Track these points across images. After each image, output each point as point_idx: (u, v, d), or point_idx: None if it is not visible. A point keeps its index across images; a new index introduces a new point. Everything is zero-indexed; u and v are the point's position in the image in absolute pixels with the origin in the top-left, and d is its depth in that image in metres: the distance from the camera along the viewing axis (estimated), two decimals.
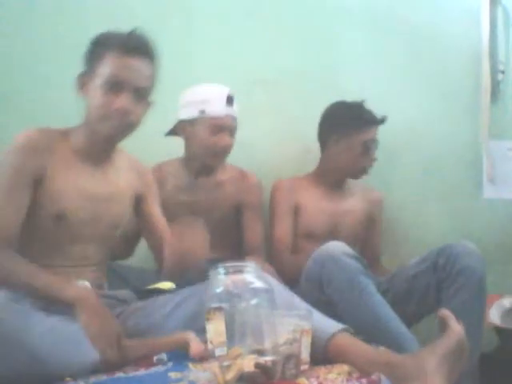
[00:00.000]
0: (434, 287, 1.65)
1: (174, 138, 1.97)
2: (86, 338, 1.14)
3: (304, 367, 1.12)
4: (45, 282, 1.25)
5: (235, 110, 1.89)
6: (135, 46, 1.36)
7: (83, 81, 1.40)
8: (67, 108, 2.03)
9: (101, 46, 1.38)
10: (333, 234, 1.96)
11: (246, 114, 2.14)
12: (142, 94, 1.38)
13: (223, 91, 1.87)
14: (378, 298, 1.50)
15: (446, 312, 1.17)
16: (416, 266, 1.71)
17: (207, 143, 1.87)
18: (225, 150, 1.90)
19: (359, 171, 2.03)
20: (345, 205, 2.05)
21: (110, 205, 1.44)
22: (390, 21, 2.29)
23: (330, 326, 1.23)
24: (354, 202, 2.07)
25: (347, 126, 1.97)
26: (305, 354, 1.12)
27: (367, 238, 2.12)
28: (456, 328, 1.13)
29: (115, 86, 1.34)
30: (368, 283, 1.51)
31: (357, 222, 2.06)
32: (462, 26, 2.29)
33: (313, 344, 1.16)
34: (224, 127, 1.86)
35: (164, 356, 1.22)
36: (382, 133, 2.13)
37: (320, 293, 1.56)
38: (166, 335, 1.27)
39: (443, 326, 1.15)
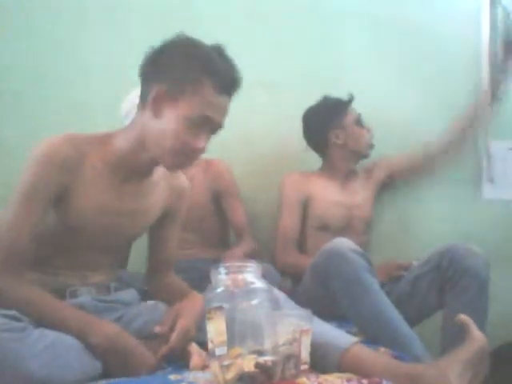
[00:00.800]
0: (436, 289, 1.66)
1: None
2: (85, 349, 1.10)
3: (304, 367, 1.12)
4: (68, 322, 1.12)
5: None
6: (234, 86, 1.24)
7: (160, 96, 1.21)
8: (68, 107, 2.05)
9: (199, 69, 1.19)
10: (347, 227, 2.01)
11: (246, 114, 2.15)
12: (216, 132, 1.27)
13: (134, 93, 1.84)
14: (382, 297, 1.50)
15: (465, 318, 1.16)
16: (419, 267, 1.73)
17: None
18: None
19: (367, 147, 2.10)
20: (358, 197, 2.09)
21: (132, 220, 1.34)
22: (391, 22, 2.29)
23: (342, 339, 1.20)
24: (364, 194, 2.11)
25: (337, 117, 2.06)
26: (304, 354, 1.12)
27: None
28: (476, 334, 1.12)
29: (201, 124, 1.21)
30: (373, 281, 1.51)
31: (368, 212, 2.10)
32: (462, 26, 2.29)
33: (325, 359, 1.15)
34: None
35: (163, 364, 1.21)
36: (383, 133, 2.14)
37: (324, 289, 1.56)
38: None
39: (463, 332, 1.13)
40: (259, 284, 1.07)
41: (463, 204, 2.29)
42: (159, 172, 1.38)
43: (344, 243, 1.57)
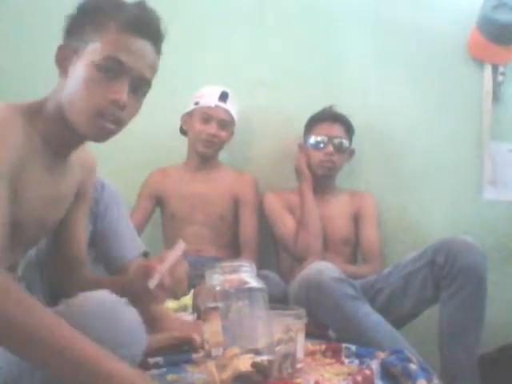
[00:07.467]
0: (431, 284, 1.59)
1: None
2: None
3: (300, 365, 1.12)
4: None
5: (229, 106, 2.04)
6: (144, 24, 1.04)
7: (65, 55, 1.04)
8: None
9: (98, 13, 1.02)
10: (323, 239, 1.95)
11: (247, 114, 2.16)
12: (140, 88, 1.05)
13: (218, 88, 2.04)
14: (369, 320, 1.47)
15: None
16: (412, 262, 1.65)
17: (197, 131, 2.02)
18: (212, 139, 2.02)
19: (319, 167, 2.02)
20: (331, 210, 2.04)
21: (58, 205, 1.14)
22: (392, 24, 2.29)
23: None
24: (339, 206, 2.06)
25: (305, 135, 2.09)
26: (300, 353, 1.12)
27: (358, 235, 2.07)
28: None
29: (111, 70, 1.00)
30: (356, 307, 1.48)
31: (345, 224, 2.04)
32: (464, 28, 2.29)
33: None
34: (212, 117, 2.01)
35: (160, 360, 1.21)
36: (384, 135, 2.13)
37: (310, 316, 1.44)
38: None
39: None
40: (254, 283, 1.07)
41: (464, 205, 2.28)
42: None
43: (321, 271, 1.51)
